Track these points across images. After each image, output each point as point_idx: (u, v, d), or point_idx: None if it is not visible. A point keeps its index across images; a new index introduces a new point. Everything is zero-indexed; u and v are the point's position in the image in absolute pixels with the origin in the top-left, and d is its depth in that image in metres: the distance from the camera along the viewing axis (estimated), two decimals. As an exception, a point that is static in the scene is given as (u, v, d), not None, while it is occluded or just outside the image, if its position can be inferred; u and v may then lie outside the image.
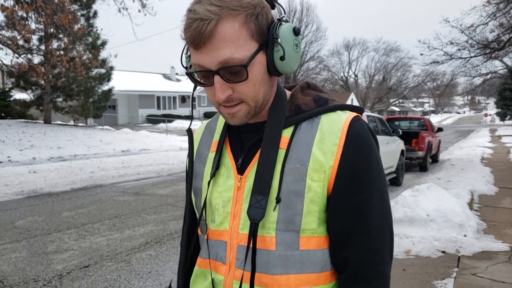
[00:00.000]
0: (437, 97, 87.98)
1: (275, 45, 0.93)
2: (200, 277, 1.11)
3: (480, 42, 14.80)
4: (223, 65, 0.89)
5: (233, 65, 0.89)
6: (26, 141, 15.77)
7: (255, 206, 0.95)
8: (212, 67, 0.90)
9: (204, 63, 0.90)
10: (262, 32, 0.93)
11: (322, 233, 0.98)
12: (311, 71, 47.04)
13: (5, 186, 9.36)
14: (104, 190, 9.29)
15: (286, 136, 0.99)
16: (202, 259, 1.11)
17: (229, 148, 1.08)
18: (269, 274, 0.96)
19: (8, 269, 4.63)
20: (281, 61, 0.94)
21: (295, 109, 1.02)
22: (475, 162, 14.17)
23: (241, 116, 0.97)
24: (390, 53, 58.35)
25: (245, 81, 0.92)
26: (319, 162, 0.96)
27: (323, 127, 0.99)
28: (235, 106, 0.95)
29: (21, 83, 21.92)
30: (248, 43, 0.90)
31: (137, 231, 6.07)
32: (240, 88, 0.93)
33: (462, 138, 31.05)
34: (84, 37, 19.70)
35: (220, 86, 0.91)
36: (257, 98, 0.96)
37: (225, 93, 0.92)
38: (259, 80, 0.94)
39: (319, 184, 0.95)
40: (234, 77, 0.91)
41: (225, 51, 0.88)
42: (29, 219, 6.73)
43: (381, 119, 11.01)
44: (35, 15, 15.60)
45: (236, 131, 1.08)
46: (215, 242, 1.06)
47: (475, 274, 4.40)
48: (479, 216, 6.78)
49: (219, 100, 0.94)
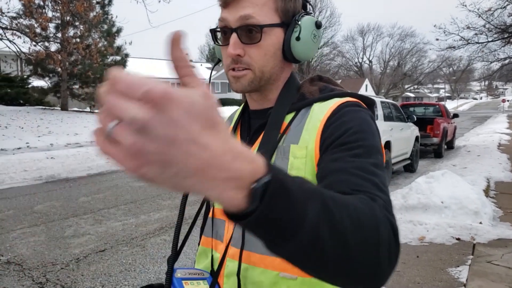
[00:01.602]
0: (453, 83, 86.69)
1: (295, 27, 0.99)
2: (202, 255, 1.14)
3: (498, 27, 14.50)
4: (242, 21, 0.94)
5: (251, 23, 0.94)
6: (44, 128, 15.98)
7: None
8: (232, 24, 0.95)
9: (227, 17, 0.96)
10: (287, 13, 0.98)
11: None
12: (325, 57, 46.62)
13: (24, 171, 9.53)
14: (119, 176, 9.40)
15: (285, 122, 1.01)
16: (206, 237, 1.13)
17: (239, 133, 1.13)
18: (257, 253, 0.96)
19: (27, 253, 4.74)
20: (296, 41, 0.99)
21: (299, 97, 1.05)
22: (491, 149, 14.00)
23: (245, 82, 0.99)
24: (405, 39, 57.67)
25: (257, 45, 0.96)
26: (304, 140, 0.96)
27: (314, 109, 0.99)
28: (241, 71, 0.98)
29: (38, 71, 22.14)
30: (271, 13, 0.96)
31: (152, 217, 6.15)
32: (251, 51, 0.97)
33: (478, 124, 30.66)
34: (100, 25, 19.81)
35: (234, 42, 0.95)
36: (264, 69, 0.99)
37: (237, 50, 0.96)
38: (271, 52, 0.98)
39: (302, 160, 0.94)
40: (249, 39, 0.96)
41: (248, 9, 0.94)
42: (47, 204, 6.86)
43: (395, 105, 10.92)
44: (51, 4, 15.71)
45: (247, 117, 1.13)
46: (217, 220, 1.09)
47: (491, 261, 4.38)
48: (495, 203, 6.72)
49: (230, 55, 0.97)
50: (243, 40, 0.96)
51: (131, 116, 0.40)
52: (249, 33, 0.95)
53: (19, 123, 16.28)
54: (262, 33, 0.95)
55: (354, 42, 62.02)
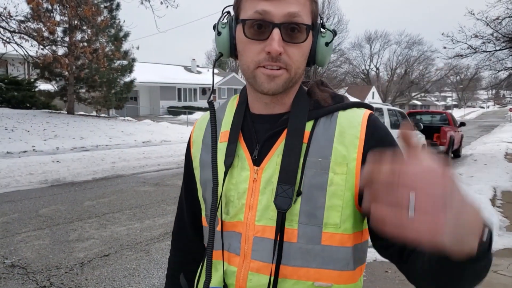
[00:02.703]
0: (460, 91, 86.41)
1: (324, 31, 0.99)
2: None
3: (506, 35, 14.44)
4: (290, 18, 0.91)
5: (299, 22, 0.92)
6: (50, 131, 16.05)
7: (282, 195, 0.94)
8: (276, 18, 0.91)
9: (270, 11, 0.91)
10: (316, 16, 0.98)
11: (346, 230, 0.96)
12: (332, 64, 46.63)
13: (30, 174, 9.56)
14: (125, 180, 9.42)
15: (307, 130, 0.99)
16: (215, 250, 1.08)
17: (242, 138, 1.05)
18: (288, 265, 0.95)
19: (31, 256, 4.74)
20: (325, 46, 0.99)
21: (314, 103, 1.02)
22: (498, 158, 13.91)
23: (280, 82, 0.95)
24: (412, 46, 57.61)
25: (300, 45, 0.94)
26: (341, 155, 0.95)
27: (342, 122, 0.99)
28: (278, 70, 0.94)
29: (45, 74, 22.24)
30: (309, 15, 0.95)
31: (156, 221, 6.14)
32: (291, 51, 0.93)
33: (485, 133, 30.51)
34: (107, 29, 19.94)
35: (279, 39, 0.91)
36: (298, 70, 0.97)
37: (280, 47, 0.91)
38: (306, 53, 0.97)
39: (342, 177, 0.94)
40: (292, 38, 0.93)
41: (295, 6, 0.91)
42: (52, 207, 6.87)
43: (402, 112, 10.89)
44: (59, 7, 15.80)
45: (249, 121, 1.06)
46: (228, 233, 1.04)
47: (497, 271, 4.34)
48: (502, 213, 6.67)
49: (274, 52, 0.91)
50: (285, 38, 0.92)
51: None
52: (291, 31, 0.92)
53: (26, 126, 16.37)
54: (307, 34, 0.94)
55: (362, 49, 62.18)
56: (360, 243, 1.00)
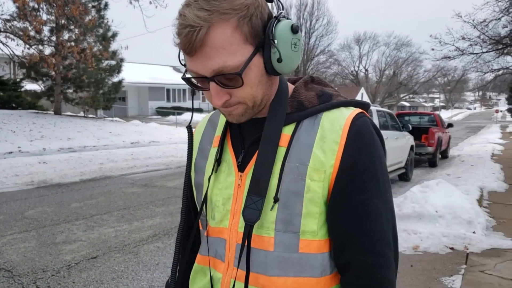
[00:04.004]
0: (448, 92, 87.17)
1: (272, 47, 0.88)
2: (199, 273, 1.10)
3: (493, 38, 14.60)
4: (216, 73, 0.86)
5: (226, 73, 0.86)
6: (37, 132, 15.88)
7: (251, 207, 0.92)
8: (206, 74, 0.87)
9: (198, 70, 0.87)
10: (257, 33, 0.88)
11: (322, 236, 0.95)
12: (321, 65, 46.82)
13: (15, 176, 9.45)
14: (113, 181, 9.35)
15: (287, 134, 0.96)
16: (202, 255, 1.09)
17: (230, 143, 1.05)
18: (266, 275, 0.94)
19: (17, 259, 4.67)
20: (279, 63, 0.90)
21: (296, 105, 0.99)
22: (485, 159, 14.05)
23: (239, 114, 0.94)
24: (401, 48, 57.84)
25: (241, 87, 0.89)
26: (319, 161, 0.92)
27: (324, 125, 0.95)
28: (234, 107, 0.93)
29: (32, 74, 21.99)
30: (242, 47, 0.86)
31: (145, 223, 6.10)
32: (237, 92, 0.90)
33: (472, 134, 30.82)
34: (95, 29, 19.74)
35: (216, 92, 0.89)
36: (256, 99, 0.93)
37: (222, 98, 0.90)
38: (256, 83, 0.91)
39: (319, 184, 0.92)
40: (230, 82, 0.88)
41: (218, 59, 0.84)
42: (38, 209, 6.79)
43: (391, 114, 10.95)
44: (46, 6, 15.65)
45: (237, 126, 1.05)
46: (215, 239, 1.04)
47: (484, 271, 4.37)
48: (489, 213, 6.73)
49: (217, 106, 0.92)
50: (224, 85, 0.88)
51: None
52: (227, 78, 0.87)
53: (11, 127, 16.17)
54: (243, 78, 0.87)
55: (351, 50, 61.94)
56: None
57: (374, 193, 0.93)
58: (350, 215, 0.92)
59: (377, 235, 0.92)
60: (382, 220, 0.93)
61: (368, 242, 0.92)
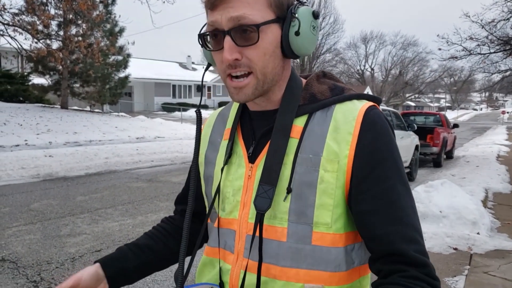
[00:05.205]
0: (454, 93, 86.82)
1: (292, 20, 0.91)
2: (208, 266, 1.09)
3: (501, 38, 14.50)
4: (235, 22, 0.87)
5: (245, 23, 0.87)
6: (43, 126, 15.96)
7: (262, 196, 0.93)
8: (224, 26, 0.88)
9: (216, 19, 0.89)
10: (281, 6, 0.91)
11: (337, 230, 0.93)
12: (327, 64, 46.63)
13: (22, 169, 9.50)
14: (118, 176, 9.38)
15: (299, 125, 0.96)
16: (211, 247, 1.09)
17: (241, 136, 1.05)
18: (278, 265, 0.94)
19: (22, 251, 4.71)
20: (296, 36, 0.91)
21: (309, 97, 0.99)
22: (490, 160, 14.00)
23: (248, 91, 0.93)
24: (407, 47, 57.61)
25: (255, 46, 0.89)
26: (333, 152, 0.92)
27: (337, 116, 0.95)
28: (243, 80, 0.92)
29: (39, 68, 22.10)
30: (265, 10, 0.89)
31: (149, 218, 6.12)
32: (249, 53, 0.90)
33: (478, 135, 30.68)
34: (102, 24, 19.79)
35: (229, 46, 0.88)
36: (265, 70, 0.92)
37: (233, 55, 0.89)
38: (270, 51, 0.91)
39: (333, 175, 0.92)
40: (245, 40, 0.89)
41: (239, 9, 0.87)
42: (44, 202, 6.83)
43: (396, 113, 10.92)
44: (54, 1, 15.71)
45: (248, 119, 1.06)
46: (225, 230, 1.04)
47: (487, 272, 4.36)
48: (493, 214, 6.71)
49: (226, 62, 0.90)
50: (238, 42, 0.88)
51: None
52: (244, 33, 0.88)
53: (18, 120, 16.25)
54: (259, 32, 0.88)
55: (357, 49, 61.71)
56: (353, 243, 0.97)
57: (397, 180, 0.92)
58: (377, 204, 0.90)
59: (406, 220, 0.91)
60: (408, 206, 0.92)
61: (401, 230, 0.90)
